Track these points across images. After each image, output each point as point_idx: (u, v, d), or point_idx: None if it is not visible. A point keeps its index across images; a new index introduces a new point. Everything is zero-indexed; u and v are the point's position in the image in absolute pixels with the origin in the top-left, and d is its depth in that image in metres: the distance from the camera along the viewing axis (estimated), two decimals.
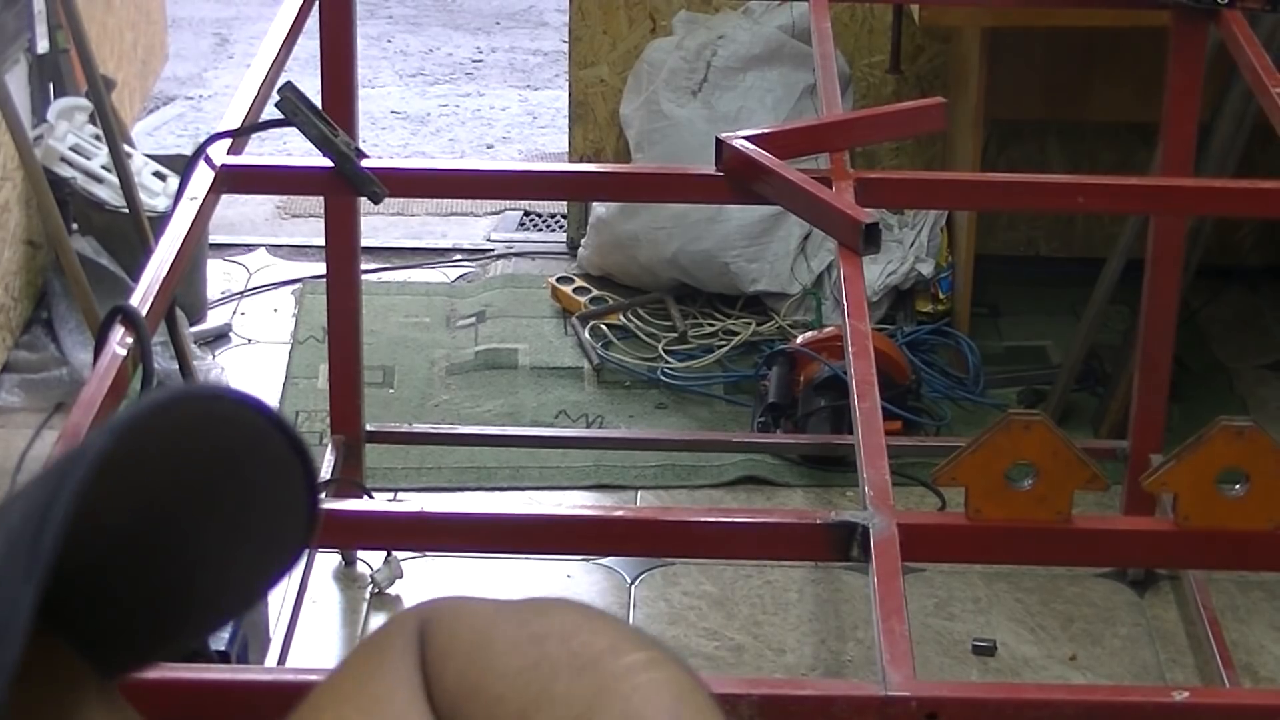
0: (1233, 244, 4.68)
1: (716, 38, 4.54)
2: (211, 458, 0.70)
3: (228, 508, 0.72)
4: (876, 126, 2.95)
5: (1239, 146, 3.82)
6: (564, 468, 3.99)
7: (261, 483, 0.72)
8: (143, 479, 0.69)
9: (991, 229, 4.67)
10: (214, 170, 2.59)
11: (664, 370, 4.31)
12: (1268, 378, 4.38)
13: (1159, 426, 3.56)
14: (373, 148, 5.28)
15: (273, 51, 2.86)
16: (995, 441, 1.92)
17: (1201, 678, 3.38)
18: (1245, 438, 1.91)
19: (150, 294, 2.24)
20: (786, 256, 4.49)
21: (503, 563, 3.68)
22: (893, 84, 4.66)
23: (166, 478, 0.70)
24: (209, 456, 0.70)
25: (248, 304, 4.67)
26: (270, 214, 5.18)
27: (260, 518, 0.73)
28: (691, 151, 4.28)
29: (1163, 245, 3.46)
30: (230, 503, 0.72)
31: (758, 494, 3.93)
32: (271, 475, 0.72)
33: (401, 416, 4.11)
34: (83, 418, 1.95)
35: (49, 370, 4.20)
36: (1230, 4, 3.09)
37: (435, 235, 5.08)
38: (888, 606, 1.77)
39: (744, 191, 2.67)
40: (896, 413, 3.94)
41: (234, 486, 0.72)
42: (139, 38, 5.58)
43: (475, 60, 6.47)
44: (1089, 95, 4.43)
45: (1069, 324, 4.33)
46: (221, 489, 0.72)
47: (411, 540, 2.70)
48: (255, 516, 0.73)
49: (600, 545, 2.72)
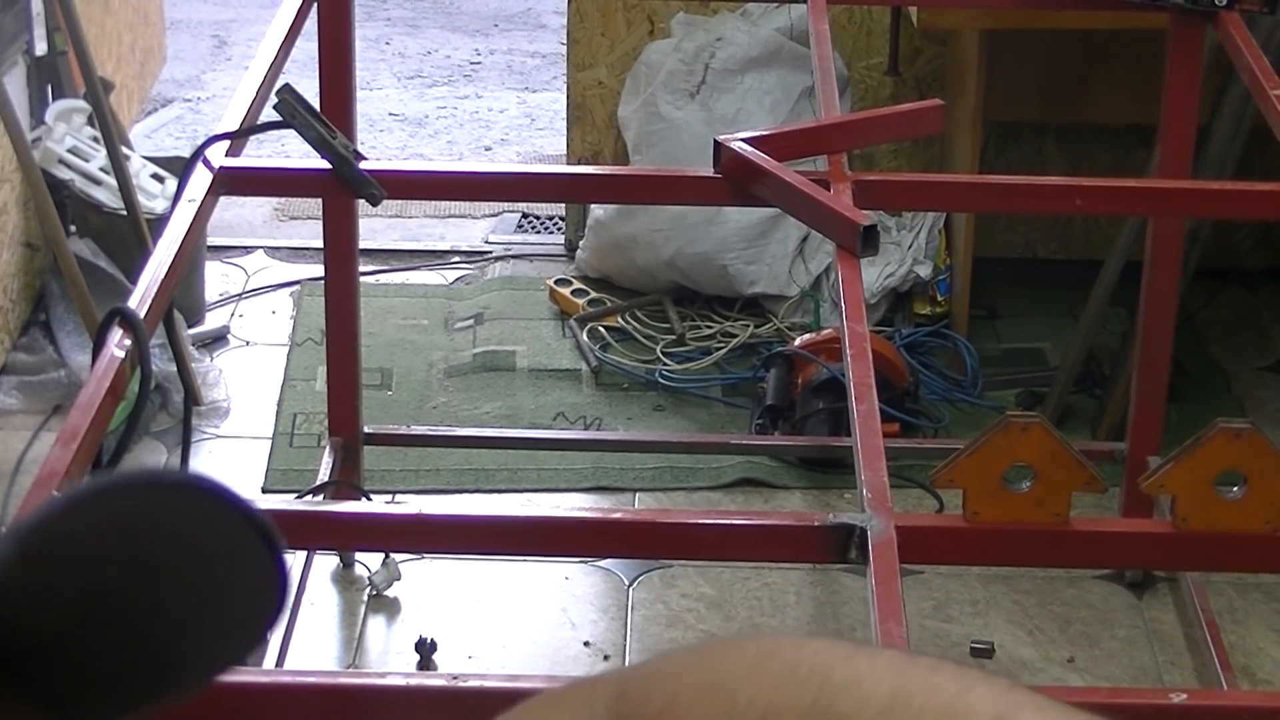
0: (1231, 246, 4.68)
1: (715, 40, 4.54)
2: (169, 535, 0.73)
3: (194, 582, 0.74)
4: (875, 129, 2.95)
5: (1237, 148, 3.82)
6: (562, 470, 3.99)
7: (225, 558, 0.74)
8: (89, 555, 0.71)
9: (989, 231, 4.67)
10: (212, 172, 2.59)
11: (662, 372, 4.31)
12: (1266, 379, 4.38)
13: (1157, 428, 3.56)
14: (371, 150, 5.28)
15: (271, 53, 2.86)
16: (993, 443, 1.92)
17: (1199, 679, 3.38)
18: (1243, 439, 1.91)
19: (148, 296, 2.24)
20: (784, 259, 4.49)
21: (500, 565, 3.68)
22: (891, 86, 4.67)
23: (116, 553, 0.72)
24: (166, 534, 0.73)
25: (246, 306, 4.67)
26: (268, 216, 5.18)
27: (228, 591, 0.76)
28: (689, 153, 4.28)
29: (1161, 247, 3.46)
30: (196, 577, 0.74)
31: (756, 496, 3.93)
32: (234, 551, 0.74)
33: (400, 418, 4.11)
34: (81, 420, 1.95)
35: (47, 372, 4.20)
36: (1228, 6, 3.09)
37: (433, 237, 5.08)
38: (886, 608, 1.77)
39: (742, 193, 2.67)
40: (894, 415, 3.94)
41: (197, 562, 0.74)
42: (137, 40, 5.58)
43: (473, 62, 6.47)
44: (1087, 97, 4.43)
45: (1067, 326, 4.33)
46: (185, 565, 0.74)
47: (409, 542, 2.70)
48: (223, 590, 0.75)
49: (598, 547, 2.72)
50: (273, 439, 4.08)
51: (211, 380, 4.22)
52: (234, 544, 0.74)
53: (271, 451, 4.03)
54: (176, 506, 0.72)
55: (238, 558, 0.74)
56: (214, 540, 0.74)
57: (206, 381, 4.20)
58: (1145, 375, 3.53)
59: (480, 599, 3.61)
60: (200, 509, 0.73)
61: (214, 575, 0.75)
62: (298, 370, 4.34)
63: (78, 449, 1.91)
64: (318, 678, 1.77)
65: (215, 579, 0.75)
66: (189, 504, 0.72)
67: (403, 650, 3.47)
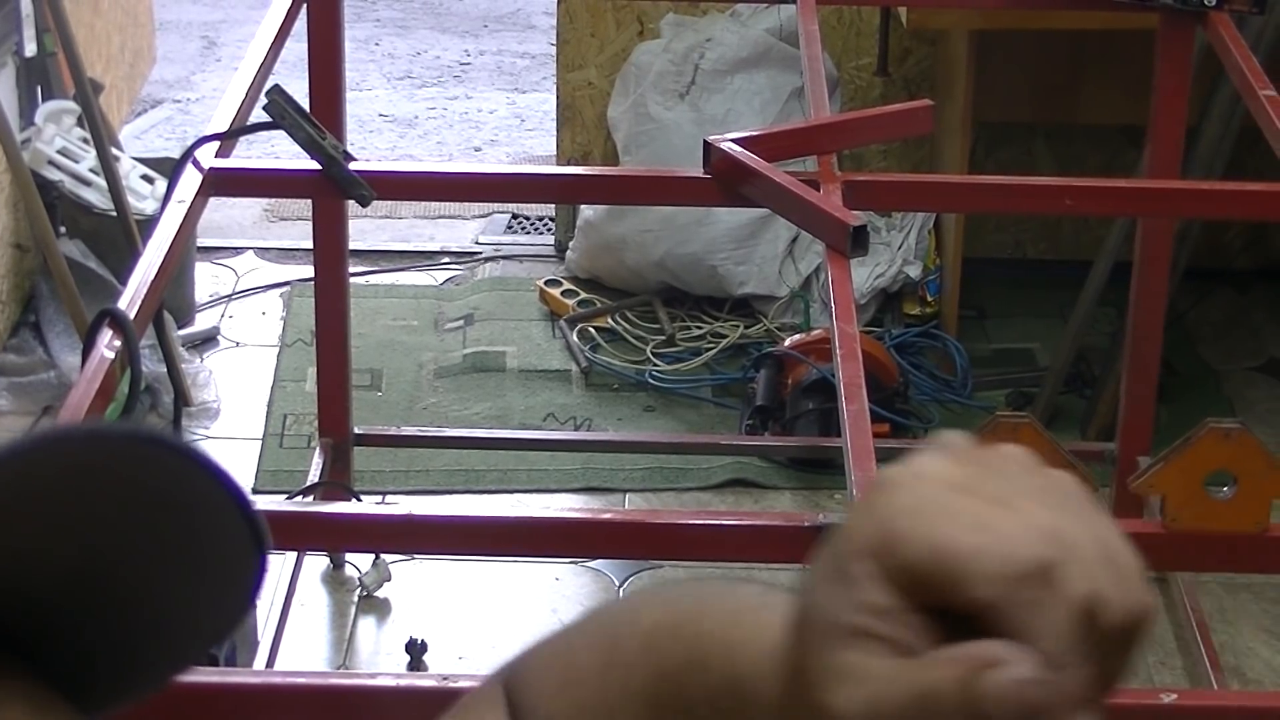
0: (1220, 246, 4.69)
1: (704, 40, 4.54)
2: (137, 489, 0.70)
3: (172, 543, 0.72)
4: (864, 129, 2.95)
5: (1226, 149, 3.82)
6: (552, 470, 3.99)
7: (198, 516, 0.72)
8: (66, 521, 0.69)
9: (979, 231, 4.67)
10: (202, 173, 2.59)
11: (652, 373, 4.31)
12: (1255, 379, 4.38)
13: (1147, 429, 3.56)
14: (360, 150, 5.27)
15: (260, 54, 2.86)
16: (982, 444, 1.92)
17: (1189, 680, 3.38)
18: (1233, 440, 1.91)
19: (138, 297, 2.23)
20: (774, 259, 4.49)
21: (491, 566, 3.68)
22: (880, 86, 4.67)
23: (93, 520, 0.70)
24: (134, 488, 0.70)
25: (236, 307, 4.67)
26: (258, 217, 5.18)
27: (209, 553, 0.73)
28: (679, 154, 4.28)
29: (1150, 247, 3.47)
30: (174, 538, 0.72)
31: (746, 496, 3.93)
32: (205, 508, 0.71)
33: (390, 419, 4.10)
34: (71, 420, 1.95)
35: (37, 373, 4.20)
36: (1217, 6, 3.10)
37: (423, 238, 5.08)
38: None
39: (732, 194, 2.66)
40: (884, 415, 3.94)
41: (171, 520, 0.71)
42: (127, 41, 5.57)
43: (463, 63, 6.46)
44: (1077, 98, 4.43)
45: (1057, 326, 4.33)
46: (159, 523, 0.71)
47: (400, 543, 2.70)
48: (204, 551, 0.73)
49: (588, 548, 2.72)
50: (263, 440, 4.08)
51: (201, 381, 4.22)
52: (203, 500, 0.71)
53: (261, 452, 4.03)
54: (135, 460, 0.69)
55: (210, 515, 0.71)
56: (182, 496, 0.70)
57: (196, 382, 4.20)
58: (1135, 376, 3.53)
59: (471, 600, 3.61)
60: (161, 463, 0.69)
61: (191, 534, 0.71)
62: (288, 371, 4.34)
63: None
64: (308, 679, 1.77)
65: (193, 538, 0.71)
66: (147, 457, 0.69)
67: (393, 651, 3.46)
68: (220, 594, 0.75)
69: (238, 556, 0.73)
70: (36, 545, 0.69)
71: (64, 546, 0.70)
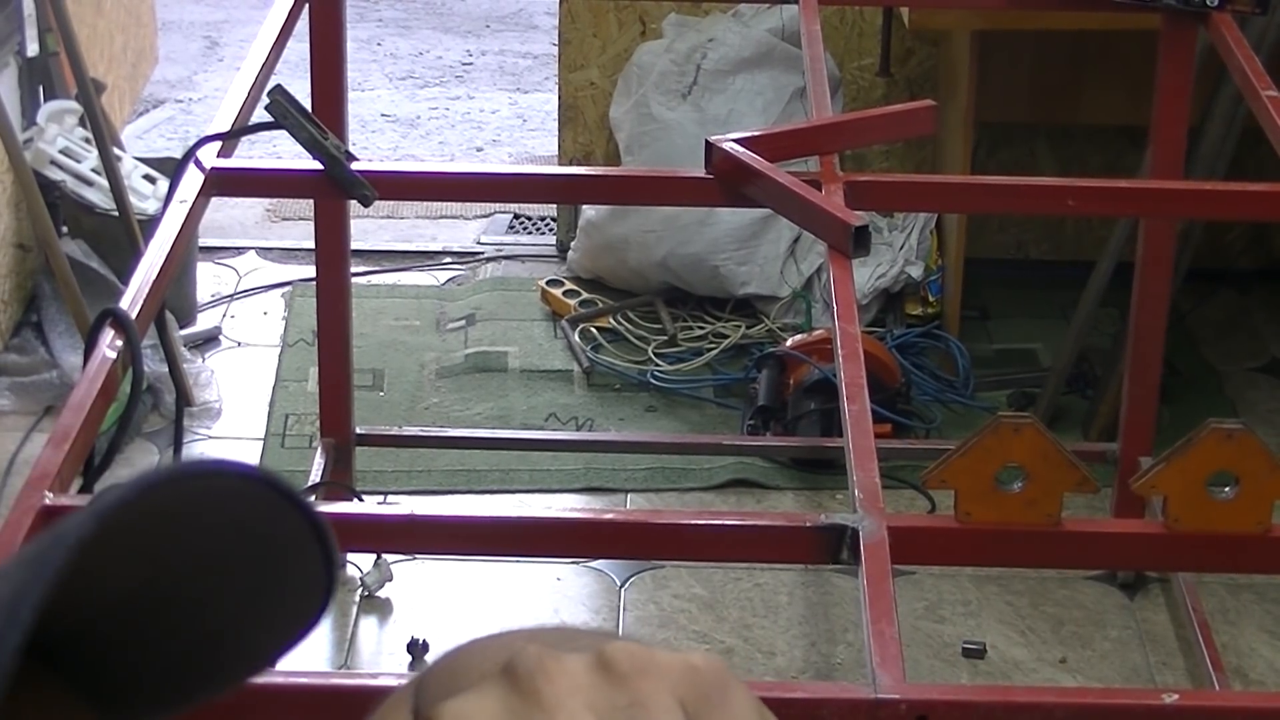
0: (1222, 247, 4.69)
1: (706, 40, 4.54)
2: (223, 527, 0.71)
3: (245, 576, 0.73)
4: (866, 129, 2.95)
5: (1229, 149, 3.82)
6: (554, 471, 3.99)
7: (276, 553, 0.73)
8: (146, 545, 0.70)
9: (981, 232, 4.67)
10: (204, 173, 2.59)
11: (654, 373, 4.31)
12: (1257, 380, 4.38)
13: (1149, 429, 3.56)
14: (363, 151, 5.28)
15: (262, 54, 2.86)
16: (985, 444, 1.92)
17: (1191, 680, 3.38)
18: (1235, 440, 1.91)
19: (140, 297, 2.23)
20: (776, 259, 4.49)
21: (492, 566, 3.68)
22: (882, 87, 4.67)
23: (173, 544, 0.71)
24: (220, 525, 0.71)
25: (237, 307, 4.67)
26: (260, 217, 5.18)
27: (277, 587, 0.75)
28: (681, 154, 4.28)
29: (1152, 248, 3.47)
30: (248, 571, 0.73)
31: (748, 497, 3.93)
32: (287, 546, 0.73)
33: (391, 419, 4.10)
34: (72, 421, 1.95)
35: (39, 373, 4.20)
36: (1219, 7, 3.10)
37: (425, 238, 5.08)
38: (878, 609, 1.77)
39: (734, 194, 2.67)
40: (886, 415, 3.94)
41: (248, 555, 0.73)
42: (129, 41, 5.57)
43: (465, 63, 6.46)
44: (1079, 98, 4.43)
45: (1059, 327, 4.33)
46: (235, 557, 0.73)
47: (401, 543, 2.70)
48: (273, 586, 0.74)
49: (590, 548, 2.72)
50: (264, 440, 4.08)
51: (203, 381, 4.22)
52: (288, 539, 0.73)
53: (263, 452, 4.03)
54: (236, 496, 0.71)
55: (290, 553, 0.73)
56: (268, 528, 0.72)
57: (198, 382, 4.20)
58: (1137, 376, 3.53)
59: (472, 600, 3.61)
60: (257, 500, 0.71)
61: (265, 569, 0.73)
62: (289, 371, 4.34)
63: (69, 450, 1.91)
64: (309, 678, 1.76)
65: (266, 573, 0.74)
66: (247, 494, 0.71)
67: (395, 651, 3.46)
68: (283, 620, 0.76)
69: (307, 589, 0.75)
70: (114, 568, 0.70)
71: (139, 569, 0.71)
